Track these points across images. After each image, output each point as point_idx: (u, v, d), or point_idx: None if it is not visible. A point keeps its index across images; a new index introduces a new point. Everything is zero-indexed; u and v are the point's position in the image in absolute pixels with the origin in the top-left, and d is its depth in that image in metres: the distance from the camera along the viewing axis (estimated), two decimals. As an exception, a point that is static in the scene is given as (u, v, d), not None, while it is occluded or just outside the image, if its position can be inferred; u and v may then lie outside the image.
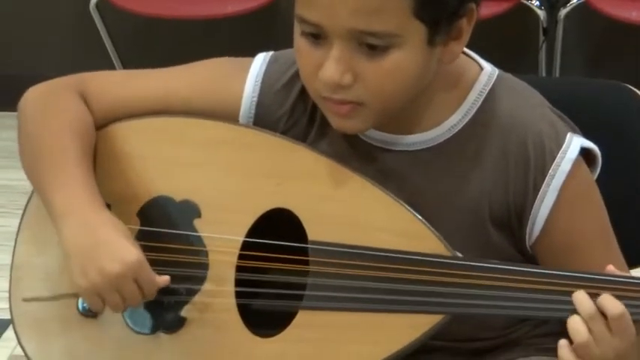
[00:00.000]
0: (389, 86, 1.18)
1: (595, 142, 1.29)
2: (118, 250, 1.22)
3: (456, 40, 1.20)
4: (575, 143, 1.25)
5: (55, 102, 1.35)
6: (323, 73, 1.17)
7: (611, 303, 1.15)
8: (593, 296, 1.16)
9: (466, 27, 1.20)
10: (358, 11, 1.13)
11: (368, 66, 1.16)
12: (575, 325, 1.15)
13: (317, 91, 1.21)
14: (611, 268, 1.18)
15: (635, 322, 1.16)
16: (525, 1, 2.79)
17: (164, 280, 1.26)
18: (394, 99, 1.20)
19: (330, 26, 1.15)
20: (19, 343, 1.37)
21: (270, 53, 1.36)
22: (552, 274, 1.19)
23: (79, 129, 1.32)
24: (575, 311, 1.16)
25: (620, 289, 1.16)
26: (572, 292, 1.17)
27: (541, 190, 1.24)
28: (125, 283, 1.23)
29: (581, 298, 1.16)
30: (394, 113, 1.23)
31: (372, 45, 1.15)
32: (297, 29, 1.20)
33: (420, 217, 1.24)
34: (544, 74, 2.95)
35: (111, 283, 1.22)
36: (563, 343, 1.16)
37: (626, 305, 1.15)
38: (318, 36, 1.17)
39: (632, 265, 1.39)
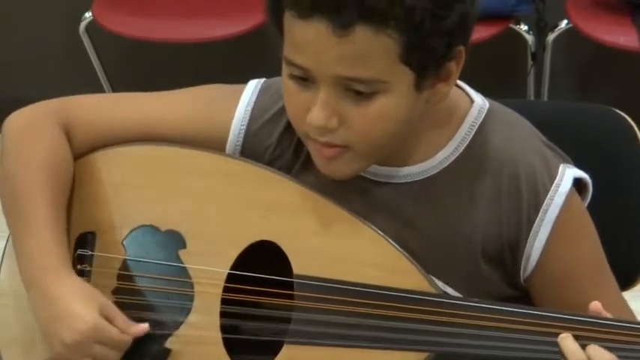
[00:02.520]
0: (375, 131, 1.18)
1: (583, 167, 1.29)
2: (74, 320, 1.23)
3: (445, 82, 1.20)
4: (567, 175, 1.25)
5: (32, 138, 1.34)
6: (310, 117, 1.17)
7: (599, 355, 1.14)
8: (580, 339, 1.15)
9: (454, 68, 1.19)
10: (344, 58, 1.12)
11: (354, 111, 1.16)
12: None
13: (305, 132, 1.21)
14: (596, 306, 1.17)
15: None
16: (514, 26, 2.80)
17: (135, 331, 1.27)
18: (381, 143, 1.20)
19: (317, 71, 1.15)
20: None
21: (262, 81, 1.36)
22: (537, 314, 1.19)
23: (53, 170, 1.32)
24: (561, 353, 1.15)
25: (606, 331, 1.16)
26: (558, 333, 1.16)
27: (535, 224, 1.24)
28: (88, 348, 1.24)
29: (569, 345, 1.15)
30: (382, 155, 1.24)
31: (358, 90, 1.15)
32: (285, 71, 1.20)
33: (405, 252, 1.24)
34: (532, 99, 2.96)
35: (74, 352, 1.24)
36: None
37: (611, 348, 1.15)
38: (305, 79, 1.17)
39: (621, 288, 1.39)
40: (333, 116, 1.17)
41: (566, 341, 1.15)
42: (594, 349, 1.14)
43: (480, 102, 1.29)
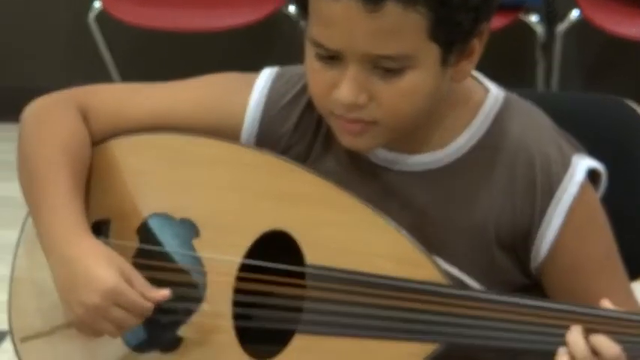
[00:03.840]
0: (404, 106, 1.19)
1: (593, 157, 1.29)
2: (93, 281, 1.23)
3: (468, 59, 1.21)
4: (581, 166, 1.25)
5: (51, 120, 1.34)
6: (339, 94, 1.18)
7: (607, 344, 1.14)
8: (588, 332, 1.16)
9: (478, 46, 1.20)
10: (374, 34, 1.13)
11: (383, 87, 1.17)
12: None
13: (328, 109, 1.22)
14: (605, 303, 1.18)
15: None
16: (523, 17, 2.80)
17: (155, 296, 1.26)
18: (408, 118, 1.21)
19: (347, 49, 1.15)
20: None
21: (276, 69, 1.36)
22: (547, 307, 1.19)
23: (72, 150, 1.32)
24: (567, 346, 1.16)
25: (615, 324, 1.16)
26: (568, 325, 1.17)
27: (547, 213, 1.24)
28: (108, 311, 1.23)
29: (575, 339, 1.16)
30: (406, 132, 1.24)
31: (387, 67, 1.16)
32: (310, 51, 1.20)
33: (419, 244, 1.24)
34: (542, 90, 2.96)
35: (93, 314, 1.23)
36: None
37: (620, 341, 1.15)
38: (332, 57, 1.18)
39: (634, 277, 1.39)
40: (362, 92, 1.17)
41: (573, 335, 1.16)
42: (601, 340, 1.15)
43: (496, 91, 1.29)
